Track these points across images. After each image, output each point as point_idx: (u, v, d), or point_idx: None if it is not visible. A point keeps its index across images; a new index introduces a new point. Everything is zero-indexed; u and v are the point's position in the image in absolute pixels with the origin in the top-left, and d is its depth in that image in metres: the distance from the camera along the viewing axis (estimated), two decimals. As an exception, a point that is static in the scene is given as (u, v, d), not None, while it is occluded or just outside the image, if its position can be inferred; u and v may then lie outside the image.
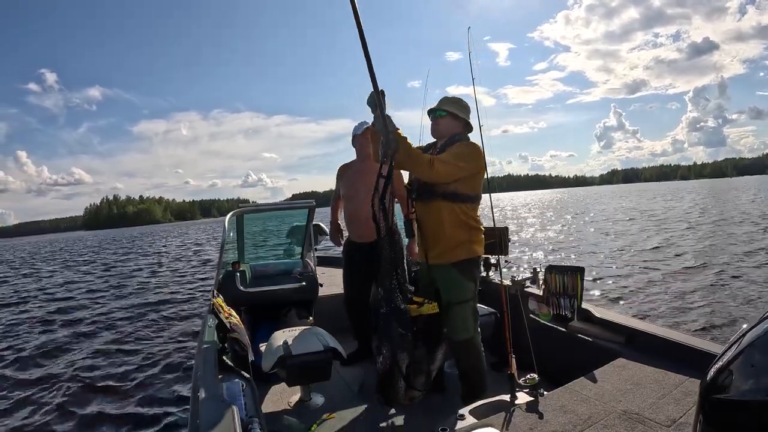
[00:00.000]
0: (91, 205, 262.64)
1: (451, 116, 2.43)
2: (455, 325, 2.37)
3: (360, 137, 3.14)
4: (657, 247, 11.49)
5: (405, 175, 2.85)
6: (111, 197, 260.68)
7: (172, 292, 10.21)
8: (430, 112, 2.48)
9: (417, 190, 2.41)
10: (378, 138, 2.06)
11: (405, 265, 2.15)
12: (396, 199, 3.05)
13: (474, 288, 2.40)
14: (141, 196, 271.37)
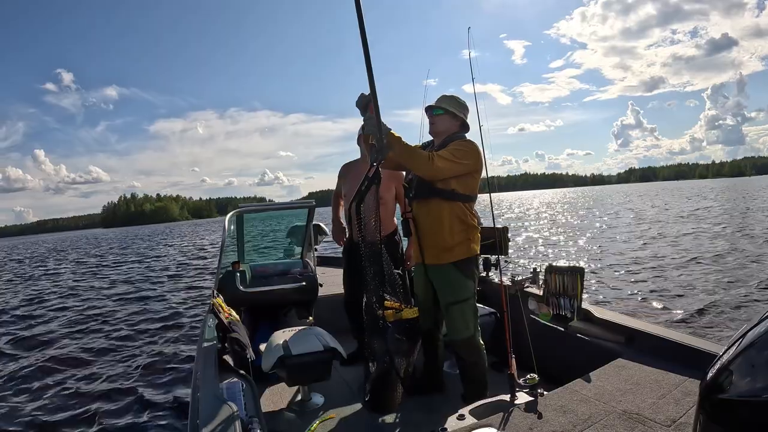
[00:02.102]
0: (109, 203, 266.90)
1: (449, 114, 2.41)
2: (456, 325, 2.36)
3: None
4: (660, 246, 11.34)
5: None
6: (128, 195, 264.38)
7: (171, 292, 10.16)
8: (428, 110, 2.48)
9: (415, 189, 2.40)
10: (369, 140, 2.04)
11: (390, 268, 2.12)
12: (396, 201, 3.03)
13: (473, 286, 2.39)
14: (158, 194, 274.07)
